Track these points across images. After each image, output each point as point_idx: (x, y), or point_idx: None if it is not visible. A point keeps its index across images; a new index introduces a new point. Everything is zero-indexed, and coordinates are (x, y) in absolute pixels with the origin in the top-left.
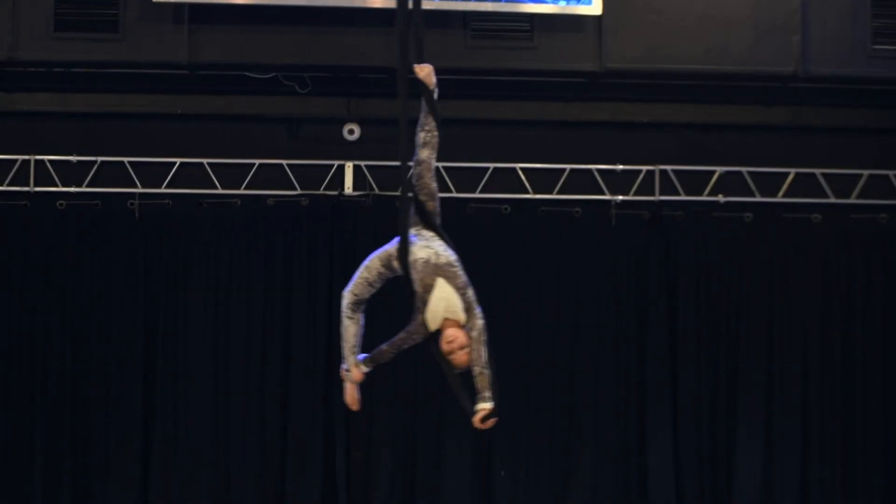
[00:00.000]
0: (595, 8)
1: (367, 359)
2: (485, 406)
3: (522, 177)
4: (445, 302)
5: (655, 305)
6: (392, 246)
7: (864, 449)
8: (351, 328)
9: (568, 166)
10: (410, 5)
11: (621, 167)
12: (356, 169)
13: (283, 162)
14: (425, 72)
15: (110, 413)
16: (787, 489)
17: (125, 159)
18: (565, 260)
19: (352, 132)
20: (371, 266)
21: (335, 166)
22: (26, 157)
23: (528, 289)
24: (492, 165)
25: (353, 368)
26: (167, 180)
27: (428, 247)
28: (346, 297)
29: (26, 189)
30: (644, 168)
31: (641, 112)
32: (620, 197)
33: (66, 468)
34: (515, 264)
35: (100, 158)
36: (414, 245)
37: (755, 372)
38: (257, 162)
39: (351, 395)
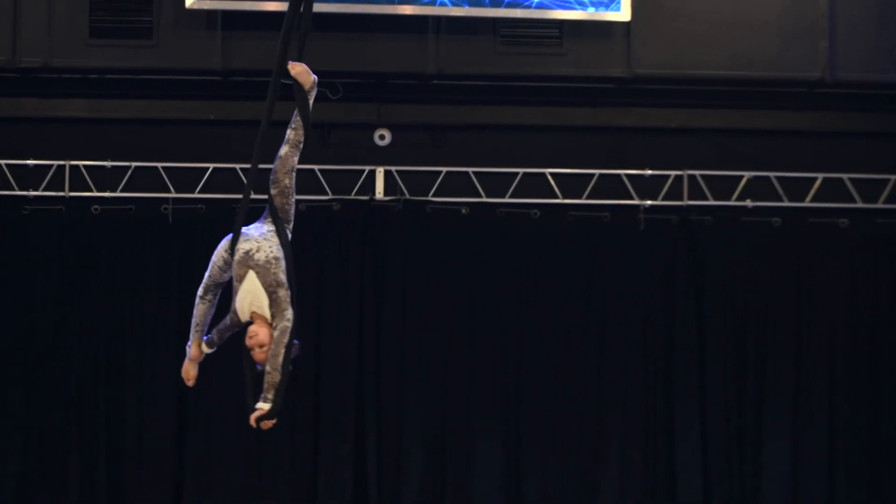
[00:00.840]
0: (624, 14)
1: (208, 340)
2: (262, 406)
3: (552, 182)
4: (251, 296)
5: (683, 310)
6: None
7: (890, 449)
8: (200, 307)
9: (597, 171)
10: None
11: (650, 172)
12: (387, 174)
13: (315, 167)
14: (296, 70)
15: (144, 412)
16: (814, 491)
17: (159, 164)
18: (594, 264)
19: (382, 137)
20: (218, 253)
21: (366, 171)
22: (61, 162)
23: (556, 293)
24: (521, 171)
25: (195, 346)
26: (200, 185)
27: (256, 240)
28: (203, 280)
29: (61, 194)
30: (672, 173)
31: (670, 117)
32: (649, 202)
33: (101, 466)
34: (545, 269)
35: (134, 164)
36: (245, 236)
37: (782, 376)
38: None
39: (186, 370)
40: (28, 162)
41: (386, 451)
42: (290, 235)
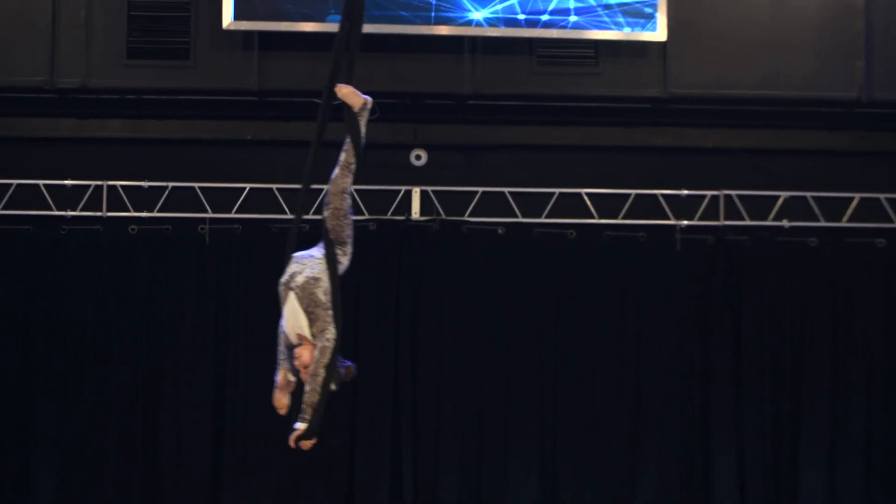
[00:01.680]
0: (660, 34)
1: (290, 367)
2: (299, 426)
3: (588, 202)
4: (292, 317)
5: (720, 330)
6: None
7: None
8: (281, 337)
9: (633, 191)
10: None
11: (686, 192)
12: (423, 194)
13: (352, 188)
14: (343, 91)
15: (182, 427)
16: None
17: (196, 185)
18: (630, 284)
19: (419, 158)
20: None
21: (402, 191)
22: (99, 182)
23: (593, 314)
24: (557, 191)
25: (280, 374)
26: (237, 205)
27: (303, 263)
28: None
29: (99, 214)
30: (708, 193)
31: (706, 137)
32: (685, 222)
33: (138, 475)
34: (581, 289)
35: (171, 184)
36: (295, 259)
37: (819, 397)
38: (326, 187)
39: (277, 399)
40: (66, 182)
41: (421, 466)
42: (345, 258)
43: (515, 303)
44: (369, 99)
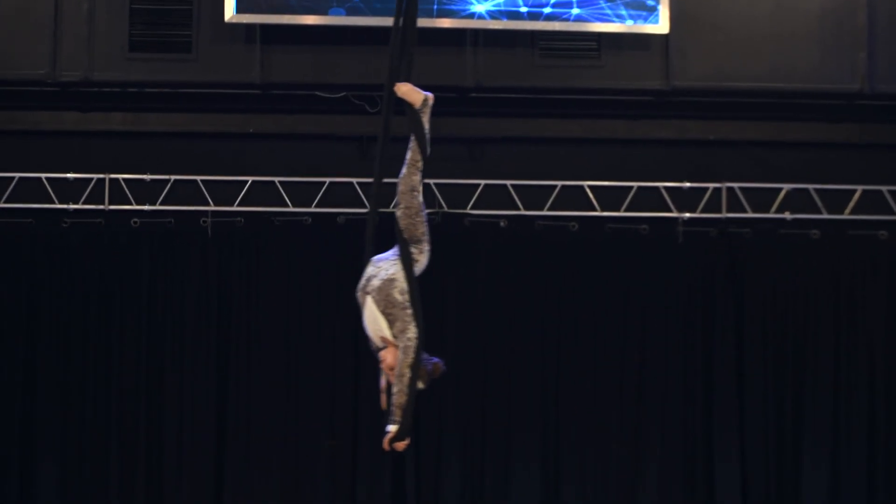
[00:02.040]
0: (662, 27)
1: None
2: (391, 429)
3: (590, 194)
4: (372, 321)
5: (722, 323)
6: None
7: None
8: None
9: (635, 184)
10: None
11: (688, 184)
12: (425, 187)
13: (354, 180)
14: (402, 90)
15: (184, 422)
16: None
17: (198, 178)
18: (632, 277)
19: None
20: None
21: None
22: (101, 175)
23: (595, 306)
24: (559, 183)
25: (383, 378)
26: (239, 198)
27: (378, 266)
28: None
29: (101, 207)
30: (711, 185)
31: (708, 130)
32: (687, 214)
33: (141, 475)
34: (583, 282)
35: (173, 177)
36: (373, 262)
37: (822, 389)
38: (328, 180)
39: (383, 401)
40: (68, 175)
41: (424, 464)
42: (422, 255)
43: (517, 296)
44: (430, 95)
